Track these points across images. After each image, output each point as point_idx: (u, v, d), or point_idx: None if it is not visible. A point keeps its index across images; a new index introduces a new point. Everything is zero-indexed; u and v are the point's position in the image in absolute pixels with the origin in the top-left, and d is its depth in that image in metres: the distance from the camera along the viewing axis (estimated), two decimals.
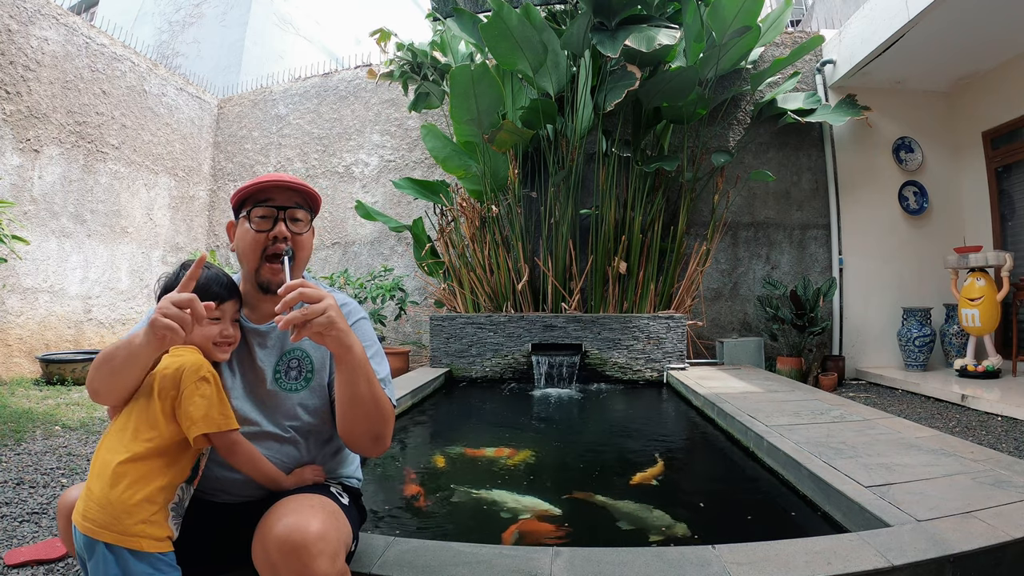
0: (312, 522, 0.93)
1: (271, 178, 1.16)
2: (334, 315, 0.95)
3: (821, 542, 1.35)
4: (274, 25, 9.14)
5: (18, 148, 4.77)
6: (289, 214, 1.16)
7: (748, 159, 5.66)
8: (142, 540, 0.90)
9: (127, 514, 0.90)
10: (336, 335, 0.96)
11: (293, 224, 1.17)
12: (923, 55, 4.82)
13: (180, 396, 0.98)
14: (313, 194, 1.21)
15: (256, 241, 1.15)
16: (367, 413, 1.05)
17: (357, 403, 1.04)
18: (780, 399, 3.24)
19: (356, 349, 1.01)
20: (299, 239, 1.17)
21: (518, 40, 4.38)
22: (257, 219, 1.15)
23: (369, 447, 1.10)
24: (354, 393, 1.03)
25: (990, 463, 1.94)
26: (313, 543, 0.90)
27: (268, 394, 1.16)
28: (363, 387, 1.03)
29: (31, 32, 4.90)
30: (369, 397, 1.04)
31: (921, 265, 5.37)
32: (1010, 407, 3.41)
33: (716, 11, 4.29)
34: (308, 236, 1.20)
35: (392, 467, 2.50)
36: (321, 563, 0.90)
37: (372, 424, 1.06)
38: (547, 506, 1.91)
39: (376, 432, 1.08)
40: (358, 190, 6.59)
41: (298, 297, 0.93)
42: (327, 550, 0.92)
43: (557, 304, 5.03)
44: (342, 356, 0.99)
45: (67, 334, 5.22)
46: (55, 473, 2.38)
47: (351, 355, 1.00)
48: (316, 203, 1.23)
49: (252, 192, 1.16)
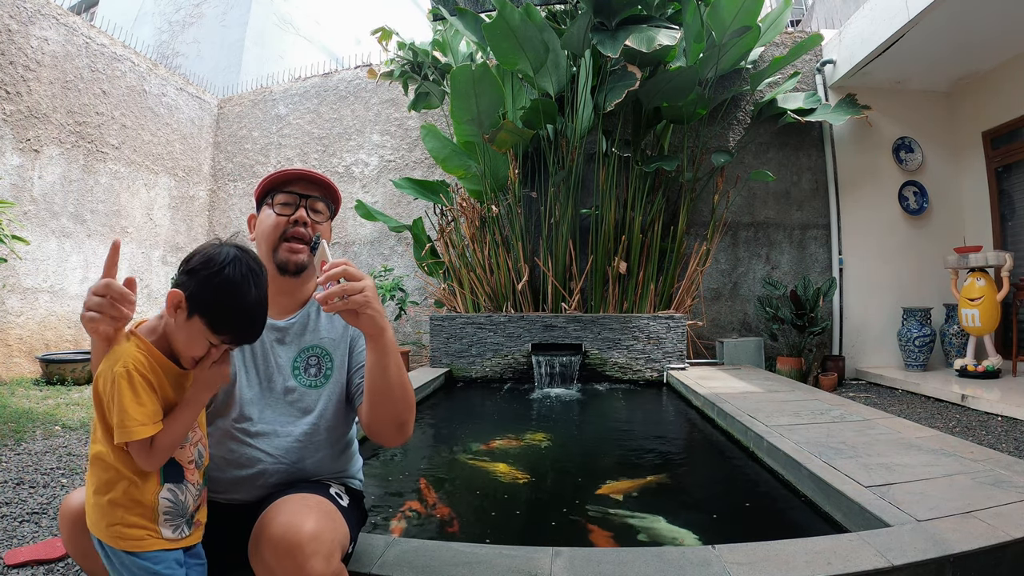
0: (306, 522, 0.93)
1: (296, 169, 1.22)
2: (371, 296, 0.98)
3: (821, 542, 1.35)
4: (274, 25, 9.14)
5: (18, 148, 4.77)
6: (310, 203, 1.21)
7: (748, 159, 5.66)
8: (120, 541, 0.90)
9: (101, 515, 0.90)
10: (371, 314, 0.99)
11: (313, 214, 1.21)
12: (923, 55, 4.82)
13: (104, 401, 0.89)
14: (334, 189, 1.26)
15: (277, 224, 1.18)
16: (395, 399, 1.07)
17: (387, 388, 1.06)
18: (780, 399, 3.24)
19: (389, 333, 1.04)
20: (317, 227, 1.21)
21: (519, 40, 4.38)
22: (280, 205, 1.20)
23: (393, 435, 1.11)
24: (385, 377, 1.05)
25: (990, 463, 1.93)
26: (307, 543, 0.90)
27: (286, 390, 1.17)
28: (393, 372, 1.05)
29: (31, 32, 4.90)
30: (398, 383, 1.06)
31: (921, 265, 5.37)
32: (1010, 407, 3.41)
33: (716, 11, 4.29)
34: (326, 228, 1.25)
35: (390, 467, 2.50)
36: (315, 563, 0.90)
37: (399, 411, 1.09)
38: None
39: (402, 419, 1.10)
40: (358, 190, 6.59)
41: (341, 273, 0.96)
42: (321, 550, 0.92)
43: (557, 304, 5.03)
44: (376, 337, 1.02)
45: (67, 334, 5.22)
46: (55, 473, 2.38)
47: (384, 337, 1.03)
48: (337, 200, 1.28)
49: (277, 181, 1.21)
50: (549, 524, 1.81)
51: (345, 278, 0.97)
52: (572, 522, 1.84)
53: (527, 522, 1.86)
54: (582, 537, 1.71)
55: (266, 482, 1.12)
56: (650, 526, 1.77)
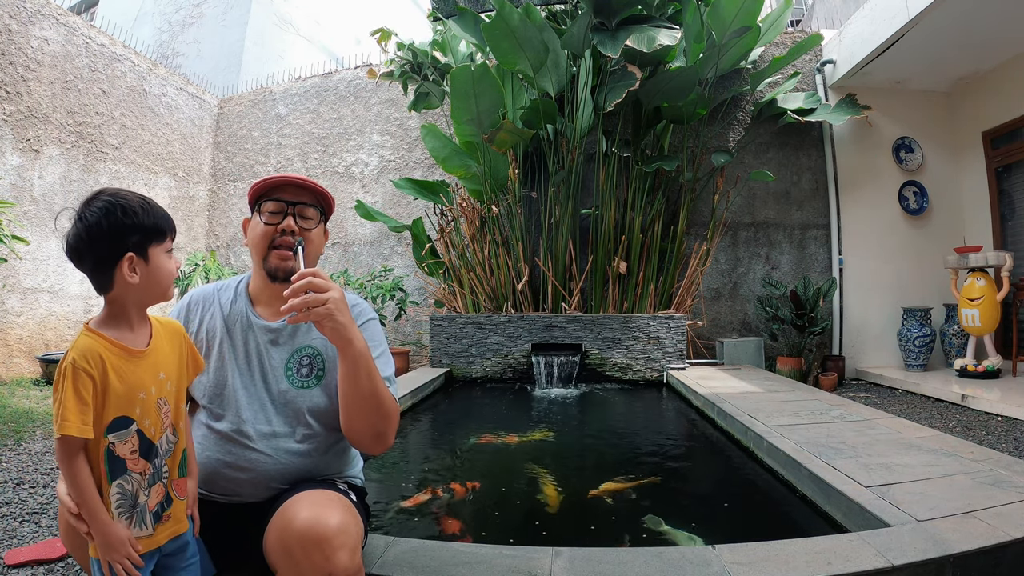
0: (332, 516, 0.94)
1: (284, 176, 1.20)
2: (334, 307, 0.98)
3: (821, 542, 1.35)
4: (274, 25, 9.14)
5: (18, 148, 4.77)
6: (299, 210, 1.20)
7: (748, 159, 5.66)
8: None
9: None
10: (334, 326, 0.99)
11: (303, 220, 1.20)
12: (923, 55, 4.82)
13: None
14: (325, 194, 1.24)
15: (265, 233, 1.18)
16: (368, 409, 1.07)
17: (359, 398, 1.06)
18: (780, 399, 3.24)
19: (357, 344, 1.03)
20: (307, 234, 1.20)
21: (519, 40, 4.38)
22: (268, 213, 1.19)
23: (370, 444, 1.11)
24: (356, 387, 1.05)
25: (990, 463, 1.93)
26: (335, 536, 0.92)
27: (280, 392, 1.17)
28: (364, 382, 1.04)
29: (31, 32, 4.90)
30: (370, 393, 1.05)
31: (921, 265, 5.37)
32: (1010, 407, 3.41)
33: (716, 11, 4.29)
34: (317, 232, 1.23)
35: (390, 467, 2.50)
36: (342, 556, 0.91)
37: (373, 421, 1.08)
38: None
39: (378, 429, 1.09)
40: (358, 190, 6.59)
41: (306, 285, 0.96)
42: (348, 543, 0.93)
43: (557, 304, 5.03)
44: (342, 348, 1.02)
45: (67, 334, 5.21)
46: (55, 473, 2.38)
47: (351, 349, 1.02)
48: (328, 203, 1.26)
49: (265, 188, 1.20)
50: (548, 523, 1.81)
51: (311, 289, 0.97)
52: (571, 521, 1.84)
53: (526, 521, 1.86)
54: (581, 536, 1.71)
55: (268, 483, 1.13)
56: (649, 526, 1.77)
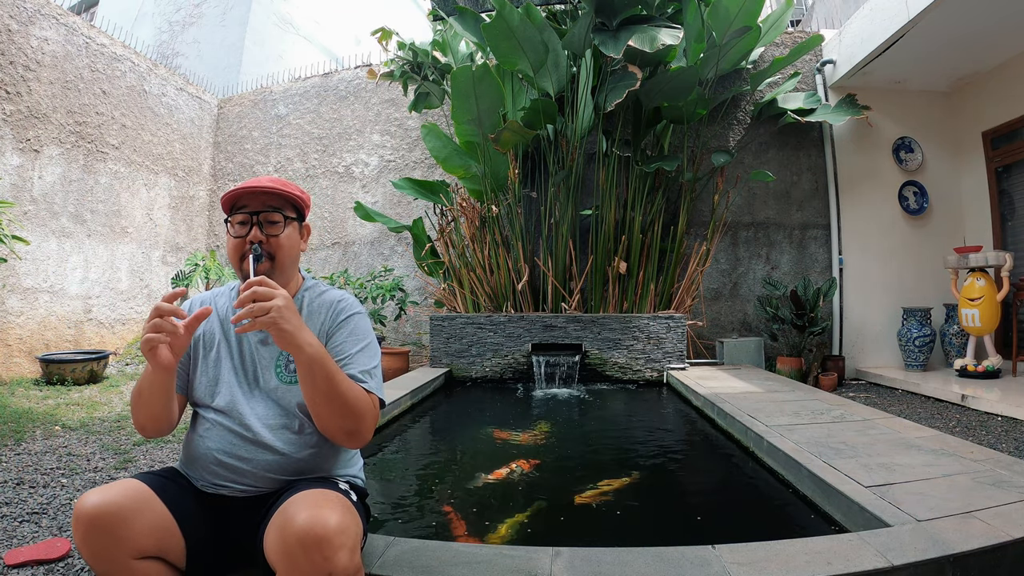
0: (332, 516, 0.95)
1: (244, 185, 1.20)
2: (277, 316, 0.99)
3: (821, 542, 1.35)
4: (274, 25, 9.13)
5: (18, 148, 4.77)
6: (263, 217, 1.20)
7: (748, 159, 5.66)
8: None
9: None
10: (279, 334, 1.00)
11: (269, 226, 1.20)
12: (923, 55, 4.81)
13: None
14: (290, 195, 1.23)
15: (235, 247, 1.20)
16: (333, 409, 1.08)
17: (319, 399, 1.07)
18: (780, 399, 3.24)
19: (308, 350, 1.03)
20: (275, 240, 1.20)
21: (519, 40, 4.38)
22: (236, 225, 1.21)
23: (344, 440, 1.13)
24: (313, 389, 1.06)
25: (990, 463, 1.93)
26: (335, 536, 0.92)
27: (272, 388, 1.20)
28: (321, 384, 1.05)
29: (31, 32, 4.90)
30: (332, 395, 1.06)
31: (921, 265, 5.36)
32: (1010, 407, 3.41)
33: (716, 11, 4.29)
34: (287, 236, 1.22)
35: (390, 467, 2.50)
36: (342, 556, 0.92)
37: (341, 420, 1.09)
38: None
39: (348, 427, 1.10)
40: (358, 190, 6.59)
41: (251, 296, 0.98)
42: (347, 543, 0.94)
43: (557, 304, 5.02)
44: (294, 354, 1.04)
45: (67, 334, 5.22)
46: (55, 473, 2.38)
47: (302, 354, 1.03)
48: (298, 202, 1.25)
49: (232, 200, 1.21)
50: (547, 522, 1.81)
51: (256, 298, 0.99)
52: (571, 520, 1.84)
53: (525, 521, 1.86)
54: (581, 536, 1.71)
55: (267, 473, 1.16)
56: (649, 526, 1.77)
